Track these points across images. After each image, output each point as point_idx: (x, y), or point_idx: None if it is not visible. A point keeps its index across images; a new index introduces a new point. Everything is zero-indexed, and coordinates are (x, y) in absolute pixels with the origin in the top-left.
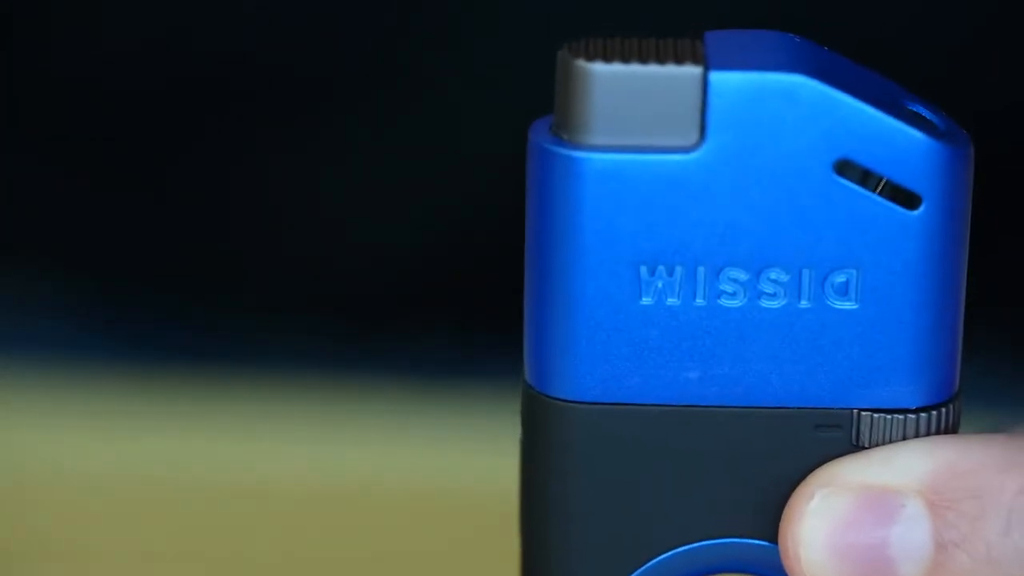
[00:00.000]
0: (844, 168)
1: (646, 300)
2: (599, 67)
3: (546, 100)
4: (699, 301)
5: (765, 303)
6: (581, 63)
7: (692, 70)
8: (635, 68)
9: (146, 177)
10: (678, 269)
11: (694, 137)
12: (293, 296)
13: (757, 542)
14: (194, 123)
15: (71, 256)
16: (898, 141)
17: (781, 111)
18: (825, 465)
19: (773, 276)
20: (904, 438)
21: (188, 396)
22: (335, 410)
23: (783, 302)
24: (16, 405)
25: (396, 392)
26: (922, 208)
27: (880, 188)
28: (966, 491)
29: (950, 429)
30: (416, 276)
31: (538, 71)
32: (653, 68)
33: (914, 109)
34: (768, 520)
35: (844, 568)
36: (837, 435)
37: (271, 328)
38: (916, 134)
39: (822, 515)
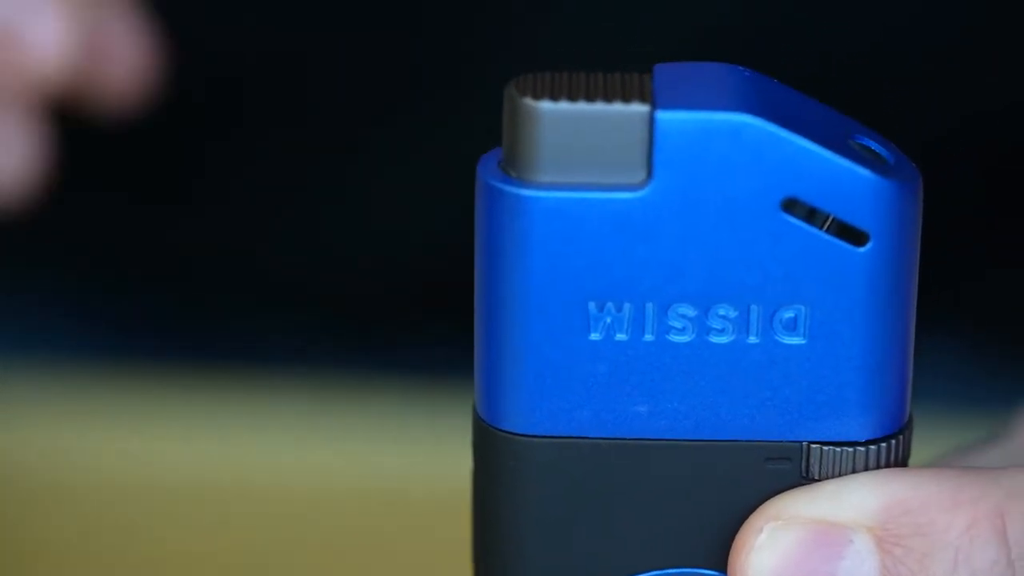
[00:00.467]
0: (791, 206)
1: (595, 336)
2: (546, 106)
3: None
4: (648, 336)
5: (714, 338)
6: (528, 101)
7: (639, 109)
8: (582, 107)
9: (146, 178)
10: (626, 305)
11: (641, 175)
12: (293, 296)
13: (709, 572)
14: (195, 124)
15: (72, 256)
16: (844, 179)
17: (727, 151)
18: (773, 499)
19: (722, 312)
20: (854, 470)
21: (188, 396)
22: (335, 410)
23: (732, 337)
24: (16, 405)
25: (396, 392)
26: (869, 245)
27: (827, 225)
28: (914, 527)
29: (900, 460)
30: (416, 276)
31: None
32: (600, 107)
33: (864, 143)
34: (720, 550)
35: None
36: (787, 467)
37: (271, 328)
38: (862, 172)
39: (770, 549)
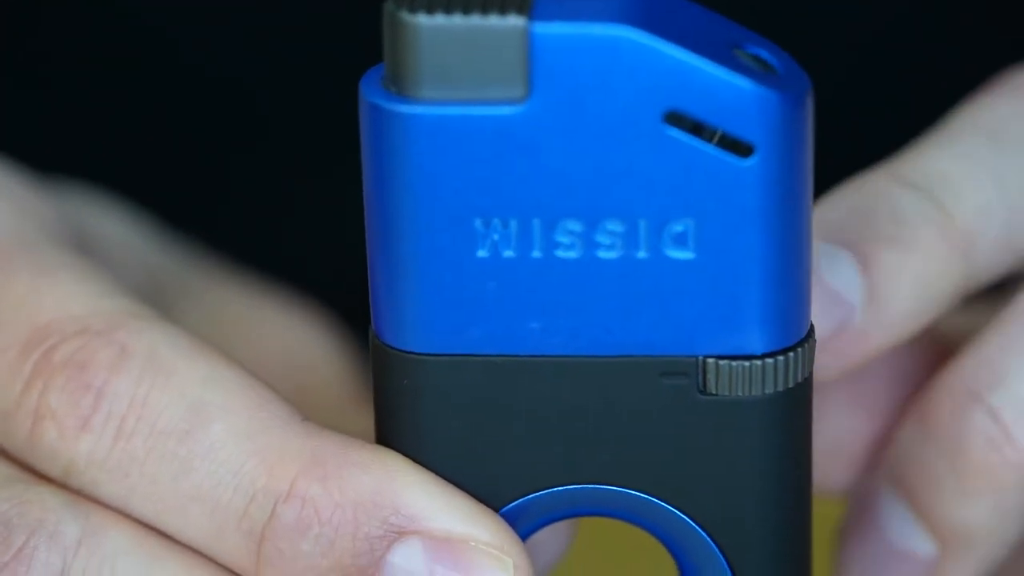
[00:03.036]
0: (675, 119)
1: (482, 253)
2: (422, 19)
3: None
4: (536, 253)
5: (602, 254)
6: (404, 15)
7: (515, 22)
8: (457, 20)
9: (147, 180)
10: (512, 221)
11: (521, 90)
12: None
13: (608, 487)
14: (195, 124)
15: None
16: (724, 91)
17: (605, 63)
18: None
19: (609, 227)
20: (751, 384)
21: None
22: None
23: (620, 253)
24: None
25: None
26: (754, 157)
27: (717, 139)
28: None
29: (801, 373)
30: None
31: None
32: (476, 20)
33: (753, 52)
34: (619, 466)
35: None
36: (683, 382)
37: None
38: (742, 83)
39: None
